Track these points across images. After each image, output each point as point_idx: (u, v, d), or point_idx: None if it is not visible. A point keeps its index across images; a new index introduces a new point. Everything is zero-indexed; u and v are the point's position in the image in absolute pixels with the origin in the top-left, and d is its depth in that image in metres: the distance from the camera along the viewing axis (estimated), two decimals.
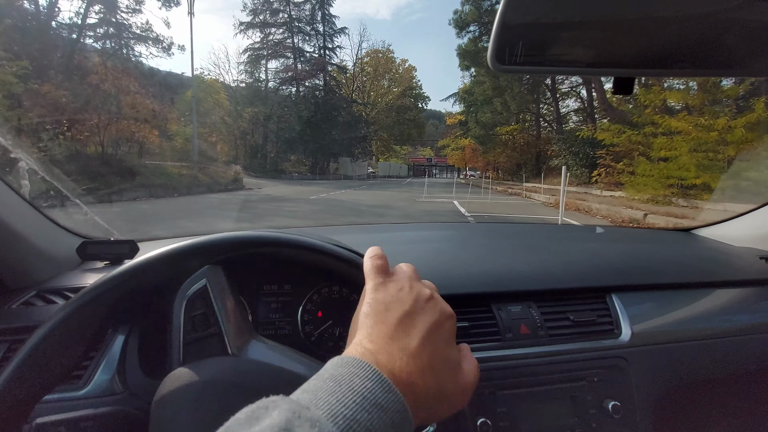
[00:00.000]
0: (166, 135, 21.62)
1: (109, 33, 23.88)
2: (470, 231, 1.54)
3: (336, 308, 0.85)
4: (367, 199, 14.57)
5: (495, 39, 0.52)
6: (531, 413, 0.78)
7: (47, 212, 0.91)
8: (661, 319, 0.93)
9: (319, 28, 39.73)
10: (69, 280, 0.86)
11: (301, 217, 9.42)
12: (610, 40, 0.54)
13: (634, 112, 12.83)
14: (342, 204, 12.43)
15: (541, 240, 1.31)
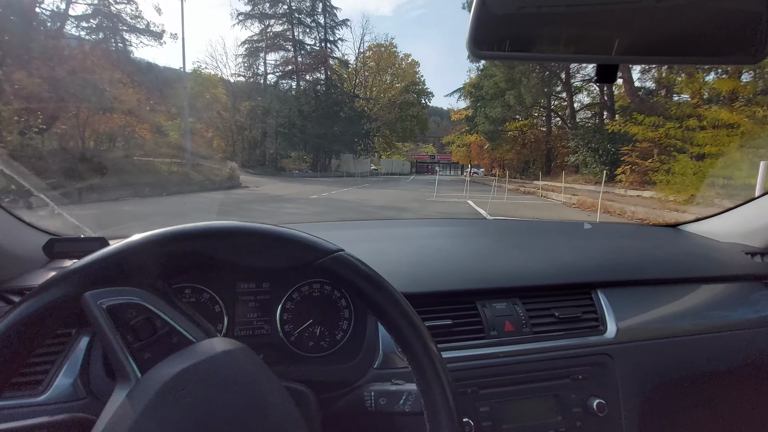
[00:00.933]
0: (159, 130, 20.67)
1: (96, 19, 22.90)
2: (453, 228, 1.50)
3: (317, 306, 0.83)
4: (373, 198, 13.46)
5: (474, 24, 0.52)
6: (514, 412, 0.78)
7: (10, 208, 0.87)
8: (647, 315, 0.93)
9: (320, 20, 38.50)
10: (33, 279, 0.84)
11: (301, 221, 8.32)
12: (592, 27, 0.53)
13: (670, 104, 11.66)
14: (346, 204, 11.32)
15: (527, 236, 1.31)
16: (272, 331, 0.82)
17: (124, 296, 0.42)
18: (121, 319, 0.42)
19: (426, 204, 11.82)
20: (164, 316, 0.44)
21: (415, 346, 0.48)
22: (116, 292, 0.42)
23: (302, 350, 0.82)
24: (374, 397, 0.59)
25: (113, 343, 0.41)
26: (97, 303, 0.41)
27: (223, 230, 0.47)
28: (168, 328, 0.44)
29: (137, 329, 0.42)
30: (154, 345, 0.43)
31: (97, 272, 0.43)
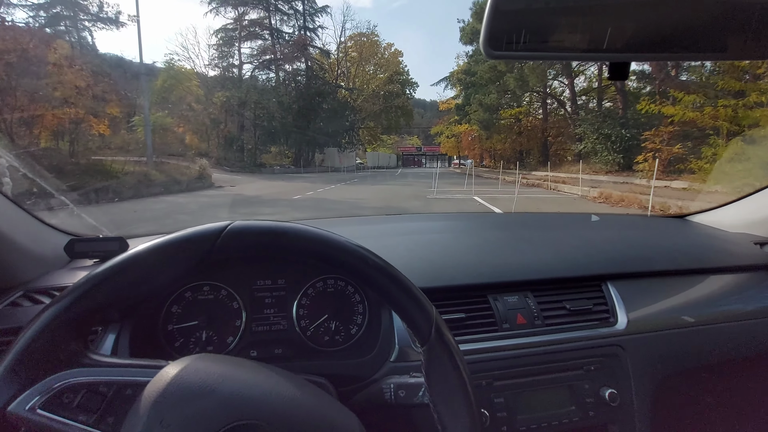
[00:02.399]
0: (125, 126, 18.54)
1: (57, 8, 20.63)
2: (463, 222, 1.51)
3: (331, 302, 0.85)
4: (366, 197, 11.71)
5: (487, 25, 0.53)
6: (528, 403, 0.79)
7: (32, 210, 0.89)
8: (657, 306, 0.94)
9: (298, 7, 36.16)
10: (56, 279, 0.85)
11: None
12: (605, 25, 0.54)
13: (712, 79, 10.18)
14: (337, 207, 9.53)
15: (535, 229, 1.30)
16: (289, 326, 0.84)
17: (43, 391, 0.41)
18: (61, 409, 0.41)
19: (428, 202, 10.14)
20: (102, 378, 0.43)
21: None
22: (35, 392, 0.41)
23: (318, 345, 0.84)
24: (393, 390, 0.60)
25: (73, 431, 0.40)
26: (28, 411, 0.40)
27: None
28: (114, 386, 0.43)
29: (84, 406, 0.41)
30: (111, 407, 0.42)
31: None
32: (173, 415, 0.38)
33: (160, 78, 26.25)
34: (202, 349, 0.81)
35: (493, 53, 0.55)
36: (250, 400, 0.41)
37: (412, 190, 13.84)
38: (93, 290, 0.44)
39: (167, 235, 0.47)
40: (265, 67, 33.84)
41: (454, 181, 17.68)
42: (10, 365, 0.41)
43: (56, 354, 0.43)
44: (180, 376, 0.41)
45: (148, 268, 0.46)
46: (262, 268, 0.84)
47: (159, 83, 25.96)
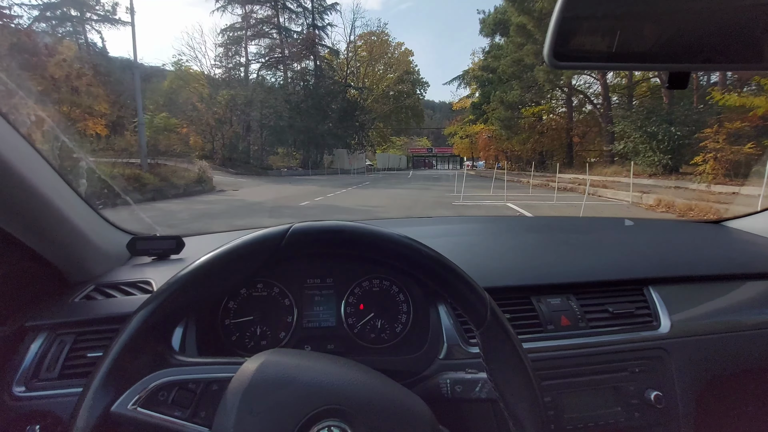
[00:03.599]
0: (129, 127, 17.81)
1: (61, 10, 19.95)
2: (497, 225, 1.52)
3: (377, 301, 0.89)
4: (383, 203, 10.31)
5: (552, 36, 0.53)
6: (575, 402, 0.80)
7: (99, 209, 0.92)
8: (699, 311, 0.94)
9: (307, 4, 34.99)
10: (123, 274, 0.90)
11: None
12: (668, 34, 0.54)
13: None
14: (352, 218, 8.12)
15: (572, 233, 1.30)
16: (337, 323, 0.88)
17: (141, 390, 0.44)
18: (159, 407, 0.44)
19: (458, 211, 8.70)
20: (190, 376, 0.46)
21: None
22: (134, 392, 0.44)
23: (365, 342, 0.87)
24: (450, 385, 0.63)
25: (172, 426, 0.43)
26: (131, 410, 0.43)
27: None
28: (202, 383, 0.46)
29: (178, 402, 0.44)
30: (201, 402, 0.45)
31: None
32: (261, 404, 0.42)
33: (167, 79, 25.45)
34: (257, 343, 0.85)
35: (557, 63, 0.55)
36: (329, 387, 0.44)
37: (433, 196, 12.40)
38: (175, 295, 0.48)
39: (235, 239, 0.49)
40: (273, 66, 32.68)
41: (476, 184, 16.17)
42: (109, 370, 0.44)
43: (146, 356, 0.46)
44: (261, 370, 0.44)
45: (222, 271, 0.49)
46: (312, 267, 0.90)
47: (166, 84, 25.14)
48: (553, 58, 0.55)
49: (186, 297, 0.48)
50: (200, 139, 24.09)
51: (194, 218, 7.62)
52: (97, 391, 0.43)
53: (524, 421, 0.49)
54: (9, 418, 0.67)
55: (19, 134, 0.68)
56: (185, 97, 24.11)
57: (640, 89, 19.91)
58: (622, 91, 20.15)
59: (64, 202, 0.77)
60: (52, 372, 0.71)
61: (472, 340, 0.81)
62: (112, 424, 0.43)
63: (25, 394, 0.69)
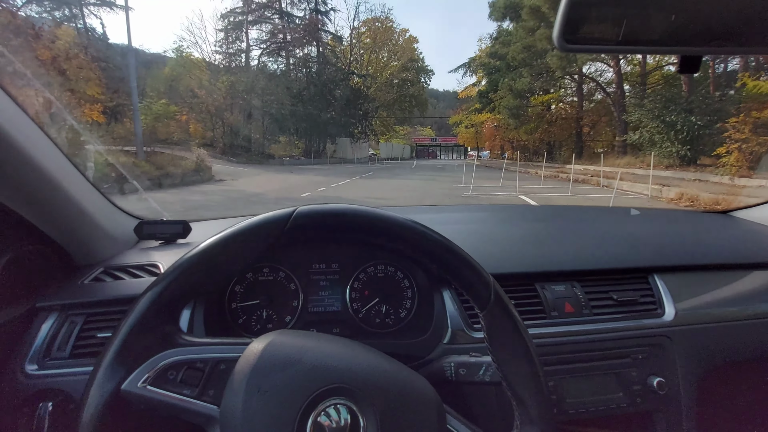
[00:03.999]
0: (129, 114, 17.51)
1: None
2: (502, 213, 1.53)
3: (382, 286, 0.90)
4: (389, 195, 9.83)
5: (562, 18, 0.53)
6: (577, 388, 0.81)
7: (107, 194, 0.93)
8: (704, 299, 0.94)
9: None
10: (130, 257, 0.91)
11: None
12: (680, 16, 0.53)
13: None
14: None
15: (577, 221, 1.32)
16: (342, 308, 0.89)
17: (150, 369, 0.45)
18: (168, 385, 0.45)
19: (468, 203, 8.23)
20: (199, 356, 0.47)
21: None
22: (144, 371, 0.45)
23: (370, 326, 0.88)
24: (454, 368, 0.64)
25: (181, 404, 0.44)
26: (140, 388, 0.44)
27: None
28: (210, 362, 0.46)
29: (186, 381, 0.45)
30: (210, 381, 0.45)
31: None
32: (268, 383, 0.42)
33: (167, 66, 24.86)
34: (263, 326, 0.87)
35: (566, 46, 0.54)
36: (336, 367, 0.44)
37: (441, 187, 11.90)
38: (182, 276, 0.48)
39: (240, 222, 0.49)
40: (275, 53, 31.85)
41: (483, 174, 15.60)
42: (119, 349, 0.45)
43: (154, 336, 0.47)
44: (267, 350, 0.44)
45: (227, 254, 0.49)
46: (318, 252, 0.90)
47: (167, 71, 24.56)
48: (563, 40, 0.54)
49: (193, 278, 0.48)
50: (200, 126, 23.57)
51: (187, 210, 7.16)
52: (107, 369, 0.44)
53: (527, 401, 0.49)
54: (22, 396, 0.69)
55: (29, 117, 0.68)
56: (186, 84, 23.57)
57: (653, 77, 19.18)
58: (635, 79, 19.41)
59: (73, 185, 0.78)
60: (63, 351, 0.73)
61: (476, 326, 0.81)
62: (123, 402, 0.43)
63: (37, 372, 0.71)
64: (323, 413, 0.41)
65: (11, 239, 0.74)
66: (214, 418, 0.43)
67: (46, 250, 0.81)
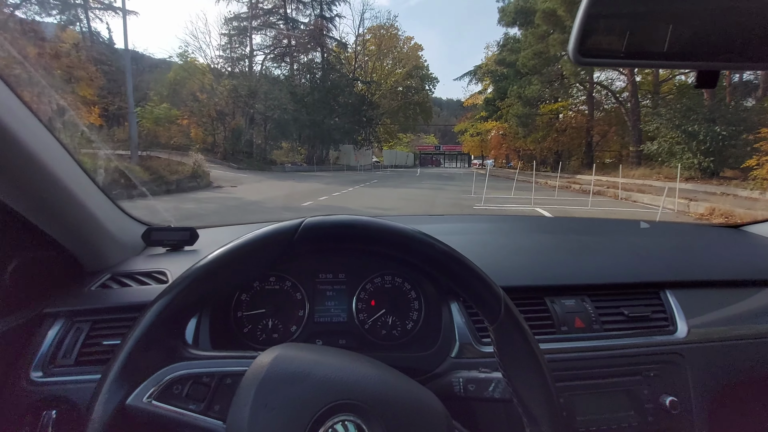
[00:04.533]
0: (126, 119, 17.29)
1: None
2: (510, 224, 1.48)
3: (389, 298, 0.89)
4: (395, 205, 9.21)
5: (578, 31, 0.53)
6: (587, 405, 0.78)
7: (116, 200, 0.92)
8: (716, 316, 0.92)
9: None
10: (138, 264, 0.90)
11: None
12: (696, 32, 0.53)
13: None
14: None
15: (587, 234, 1.28)
16: (349, 318, 0.88)
17: (155, 384, 0.44)
18: (173, 399, 0.44)
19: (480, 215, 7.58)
20: (204, 370, 0.46)
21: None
22: (149, 385, 0.44)
23: (376, 338, 0.87)
24: (463, 384, 0.62)
25: (186, 419, 0.43)
26: (146, 403, 0.43)
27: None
28: (216, 376, 0.45)
29: (192, 396, 0.44)
30: (216, 395, 0.44)
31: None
32: (275, 398, 0.41)
33: (172, 70, 24.55)
34: (269, 336, 0.86)
35: (581, 59, 0.54)
36: (344, 382, 0.43)
37: (449, 197, 11.28)
38: (189, 288, 0.47)
39: (248, 234, 0.49)
40: (279, 58, 31.49)
41: (491, 184, 14.99)
42: (124, 362, 0.44)
43: (160, 350, 0.46)
44: (275, 364, 0.44)
45: (234, 266, 0.48)
46: (325, 262, 0.90)
47: (171, 75, 24.24)
48: (578, 54, 0.54)
49: (199, 290, 0.48)
50: (201, 131, 23.11)
51: (177, 221, 6.55)
52: (112, 384, 0.43)
53: (539, 418, 0.48)
54: (26, 403, 0.68)
55: (40, 122, 0.67)
56: (189, 88, 23.24)
57: (666, 87, 18.63)
58: (647, 88, 18.86)
59: (83, 191, 0.77)
60: (68, 358, 0.72)
61: (484, 339, 0.80)
62: (128, 417, 0.43)
63: (42, 379, 0.70)
64: (331, 430, 0.41)
65: (19, 244, 0.74)
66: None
67: (54, 255, 0.80)
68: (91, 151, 9.58)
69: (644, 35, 0.53)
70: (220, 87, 23.36)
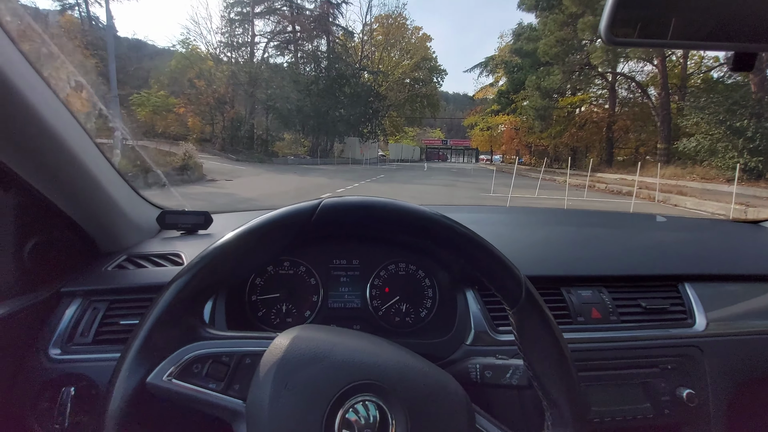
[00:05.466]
0: (123, 107, 16.53)
1: None
2: (526, 216, 1.47)
3: (402, 285, 0.90)
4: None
5: (610, 10, 0.51)
6: (602, 396, 0.78)
7: (132, 183, 0.93)
8: (735, 310, 0.92)
9: None
10: (152, 246, 0.91)
11: None
12: (733, 11, 0.50)
13: None
14: None
15: (604, 227, 1.29)
16: (362, 305, 0.89)
17: (175, 363, 0.44)
18: (193, 378, 0.44)
19: None
20: (224, 350, 0.46)
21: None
22: (169, 364, 0.44)
23: (389, 325, 0.88)
24: (480, 370, 0.62)
25: (206, 398, 0.43)
26: (166, 381, 0.43)
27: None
28: (235, 356, 0.45)
29: (212, 375, 0.44)
30: (235, 375, 0.44)
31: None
32: (295, 379, 0.41)
33: (174, 59, 23.58)
34: (282, 320, 0.87)
35: (614, 39, 0.53)
36: (363, 363, 0.43)
37: (467, 196, 10.16)
38: (206, 268, 0.47)
39: (265, 214, 0.48)
40: (283, 46, 30.21)
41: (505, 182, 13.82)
42: (144, 341, 0.44)
43: (179, 329, 0.46)
44: (293, 345, 0.44)
45: (251, 246, 0.48)
46: (339, 248, 0.90)
47: (173, 63, 23.27)
48: (610, 33, 0.52)
49: (219, 270, 0.48)
50: (199, 120, 22.03)
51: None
52: (132, 362, 0.43)
53: (560, 401, 0.48)
54: (46, 379, 0.70)
55: (60, 101, 0.67)
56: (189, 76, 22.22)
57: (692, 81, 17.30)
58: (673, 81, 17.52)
59: (101, 172, 0.78)
60: (86, 337, 0.74)
61: (500, 328, 0.80)
62: (148, 395, 0.43)
63: (60, 356, 0.72)
64: (351, 410, 0.41)
65: (38, 224, 0.75)
66: (240, 413, 0.42)
67: (71, 236, 0.81)
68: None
69: (680, 14, 0.50)
70: (218, 72, 22.17)
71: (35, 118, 0.60)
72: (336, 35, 32.97)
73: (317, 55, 30.80)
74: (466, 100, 56.27)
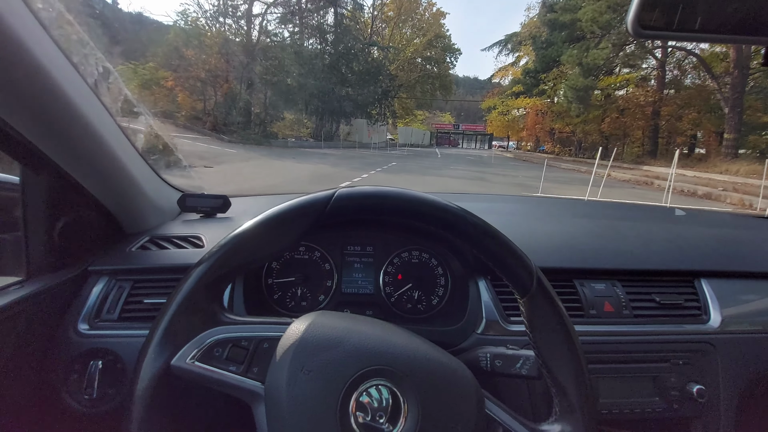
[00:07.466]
0: (105, 82, 14.10)
1: None
2: (542, 207, 1.46)
3: (415, 272, 0.92)
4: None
5: (638, 2, 0.51)
6: (612, 388, 0.79)
7: (154, 166, 0.93)
8: (751, 308, 0.91)
9: None
10: (174, 228, 0.94)
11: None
12: (765, 3, 0.48)
13: None
14: None
15: (619, 219, 1.26)
16: (375, 291, 0.92)
17: (198, 346, 0.46)
18: (215, 361, 0.46)
19: None
20: (243, 334, 0.48)
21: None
22: (192, 347, 0.46)
23: (401, 311, 0.91)
24: (490, 359, 0.63)
25: (228, 380, 0.45)
26: (189, 363, 0.45)
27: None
28: (254, 340, 0.48)
29: (232, 358, 0.47)
30: (254, 359, 0.47)
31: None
32: (312, 362, 0.43)
33: (172, 32, 21.18)
34: (297, 304, 0.91)
35: (641, 32, 0.52)
36: (377, 349, 0.45)
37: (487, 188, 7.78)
38: (227, 254, 0.49)
39: (281, 204, 0.50)
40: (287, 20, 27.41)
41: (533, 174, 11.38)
42: (167, 326, 0.46)
43: (201, 314, 0.49)
44: (310, 330, 0.45)
45: (268, 234, 0.50)
46: (353, 234, 0.93)
47: (171, 36, 20.87)
48: (638, 25, 0.51)
49: (238, 257, 0.50)
50: (188, 95, 19.62)
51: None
52: (156, 346, 0.45)
53: (568, 388, 0.49)
54: (75, 353, 0.74)
55: (88, 86, 0.69)
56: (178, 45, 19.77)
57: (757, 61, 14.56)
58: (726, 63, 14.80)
59: (126, 154, 0.80)
60: (112, 314, 0.78)
61: (512, 318, 0.81)
62: (173, 376, 0.45)
63: (88, 331, 0.76)
64: (365, 393, 0.42)
65: (69, 205, 0.78)
66: (259, 394, 0.44)
67: (98, 216, 0.83)
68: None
69: (709, 5, 0.49)
70: (208, 40, 19.60)
71: (69, 106, 0.63)
72: (345, 7, 30.12)
73: (323, 28, 27.98)
74: (476, 84, 53.12)
